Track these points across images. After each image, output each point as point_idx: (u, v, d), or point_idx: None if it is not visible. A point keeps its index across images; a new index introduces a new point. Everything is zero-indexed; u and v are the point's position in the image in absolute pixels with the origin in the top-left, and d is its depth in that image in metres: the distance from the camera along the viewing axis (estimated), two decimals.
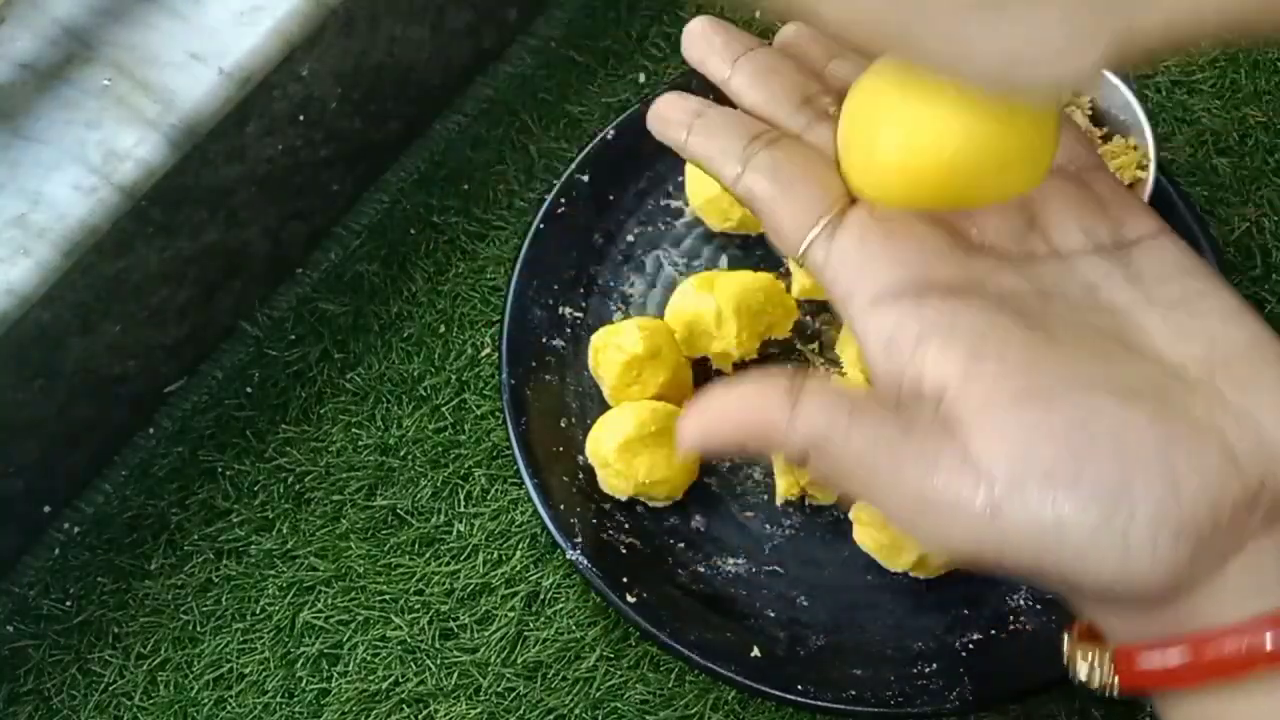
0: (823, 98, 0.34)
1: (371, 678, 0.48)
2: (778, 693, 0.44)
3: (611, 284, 0.53)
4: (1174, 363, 0.29)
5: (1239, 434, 0.27)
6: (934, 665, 0.45)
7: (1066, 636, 0.31)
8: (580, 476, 0.49)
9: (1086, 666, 0.30)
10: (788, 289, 0.52)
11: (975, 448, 0.27)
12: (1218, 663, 0.27)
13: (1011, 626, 0.46)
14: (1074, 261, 0.31)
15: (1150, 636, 0.28)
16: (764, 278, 0.51)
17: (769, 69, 0.35)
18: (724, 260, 0.53)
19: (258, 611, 0.49)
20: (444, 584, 0.49)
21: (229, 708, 0.48)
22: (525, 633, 0.48)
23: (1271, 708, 0.27)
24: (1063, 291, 0.31)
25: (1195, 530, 0.26)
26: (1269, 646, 0.26)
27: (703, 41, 0.36)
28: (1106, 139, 0.49)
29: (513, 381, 0.49)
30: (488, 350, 0.53)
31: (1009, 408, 0.28)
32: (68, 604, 0.50)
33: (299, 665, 0.48)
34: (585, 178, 0.53)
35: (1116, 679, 0.29)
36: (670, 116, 0.36)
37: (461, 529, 0.50)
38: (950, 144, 0.30)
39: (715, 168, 0.34)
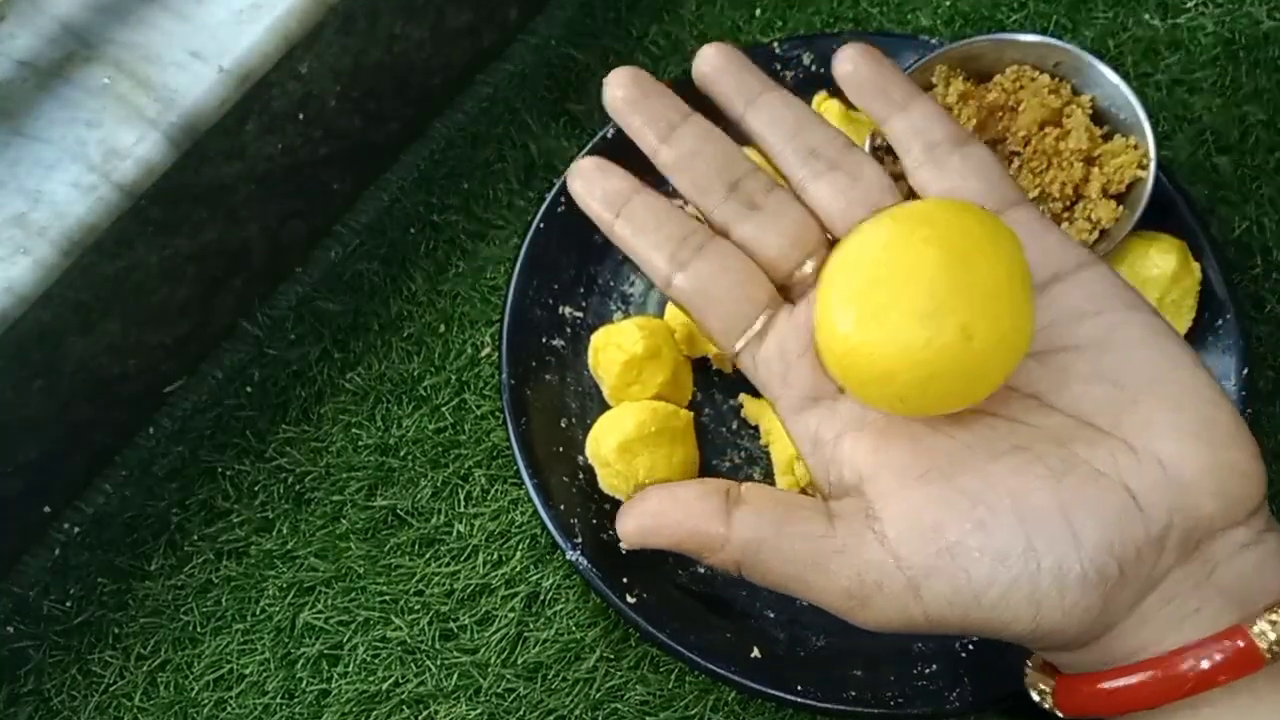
0: (749, 179, 0.34)
1: (371, 678, 0.48)
2: (778, 693, 0.44)
3: (611, 284, 0.53)
4: (1084, 415, 0.31)
5: (1140, 477, 0.29)
6: (934, 665, 0.45)
7: (1028, 665, 0.34)
8: (580, 476, 0.49)
9: (1037, 694, 0.33)
10: None
11: (890, 534, 0.30)
12: (1135, 691, 0.29)
13: None
14: None
15: (1087, 668, 0.30)
16: None
17: (694, 152, 0.35)
18: None
19: (258, 612, 0.49)
20: (444, 584, 0.49)
21: (229, 708, 0.48)
22: (525, 633, 0.48)
23: None
24: None
25: (1100, 577, 0.28)
26: (1184, 670, 0.28)
27: (627, 102, 0.35)
28: (1107, 138, 0.49)
29: (513, 381, 0.49)
30: (488, 350, 0.53)
31: (915, 487, 0.30)
32: (68, 604, 0.50)
33: (299, 666, 0.48)
34: None
35: (1056, 704, 0.32)
36: (594, 193, 0.35)
37: (461, 529, 0.50)
38: (921, 369, 0.29)
39: (644, 262, 0.35)
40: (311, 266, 0.56)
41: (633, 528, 0.33)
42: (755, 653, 0.45)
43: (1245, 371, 0.48)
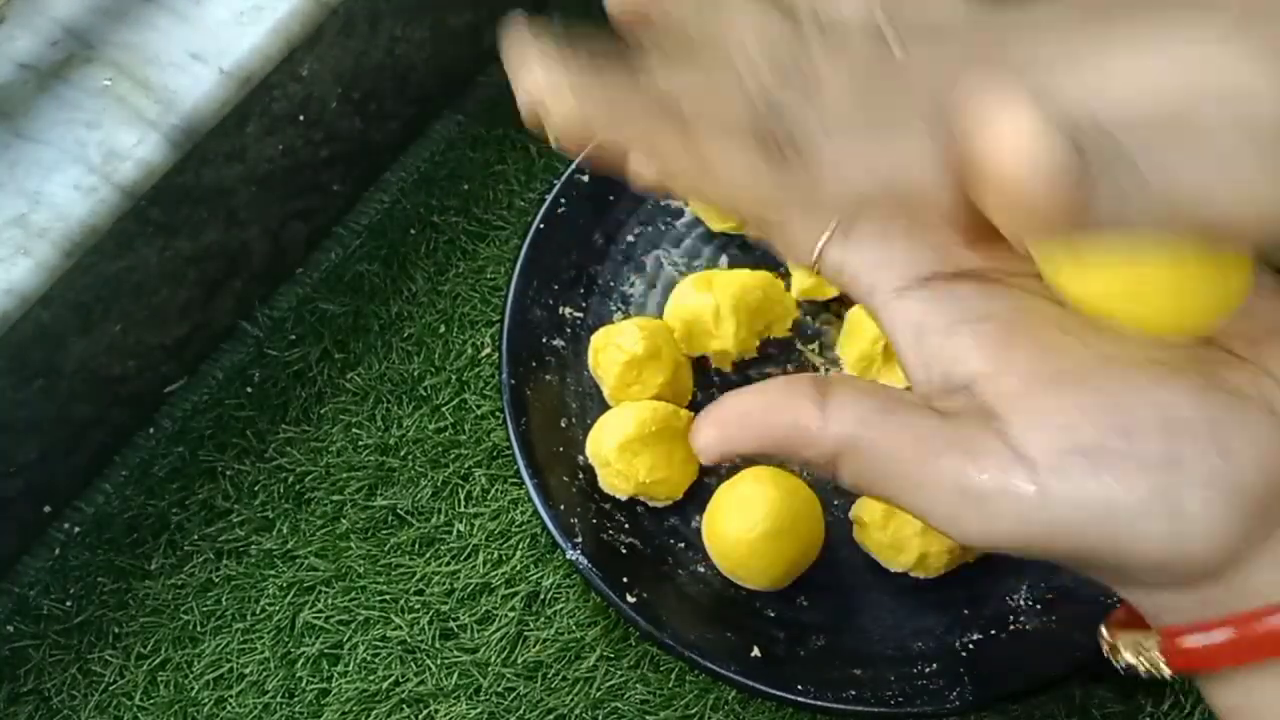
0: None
1: (371, 678, 0.48)
2: (778, 693, 0.44)
3: (611, 284, 0.53)
4: (1220, 341, 0.28)
5: None
6: (934, 665, 0.45)
7: (1104, 628, 0.30)
8: (580, 476, 0.49)
9: (1132, 653, 0.29)
10: (787, 288, 0.52)
11: (1015, 433, 0.26)
12: (1266, 638, 0.26)
13: (1011, 626, 0.46)
14: None
15: (1195, 618, 0.27)
16: (763, 276, 0.51)
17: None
18: (724, 260, 0.53)
19: (258, 611, 0.49)
20: (444, 584, 0.49)
21: (229, 708, 0.48)
22: (525, 633, 0.48)
23: None
24: None
25: (1249, 498, 0.26)
26: None
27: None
28: None
29: (513, 381, 0.49)
30: (488, 350, 0.53)
31: (1046, 391, 0.27)
32: (68, 604, 0.50)
33: (299, 665, 0.48)
34: (585, 178, 0.53)
35: (1164, 662, 0.28)
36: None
37: (461, 529, 0.50)
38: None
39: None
40: (312, 267, 0.56)
41: (711, 437, 0.29)
42: (755, 653, 0.45)
43: None
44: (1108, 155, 0.22)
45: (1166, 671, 0.28)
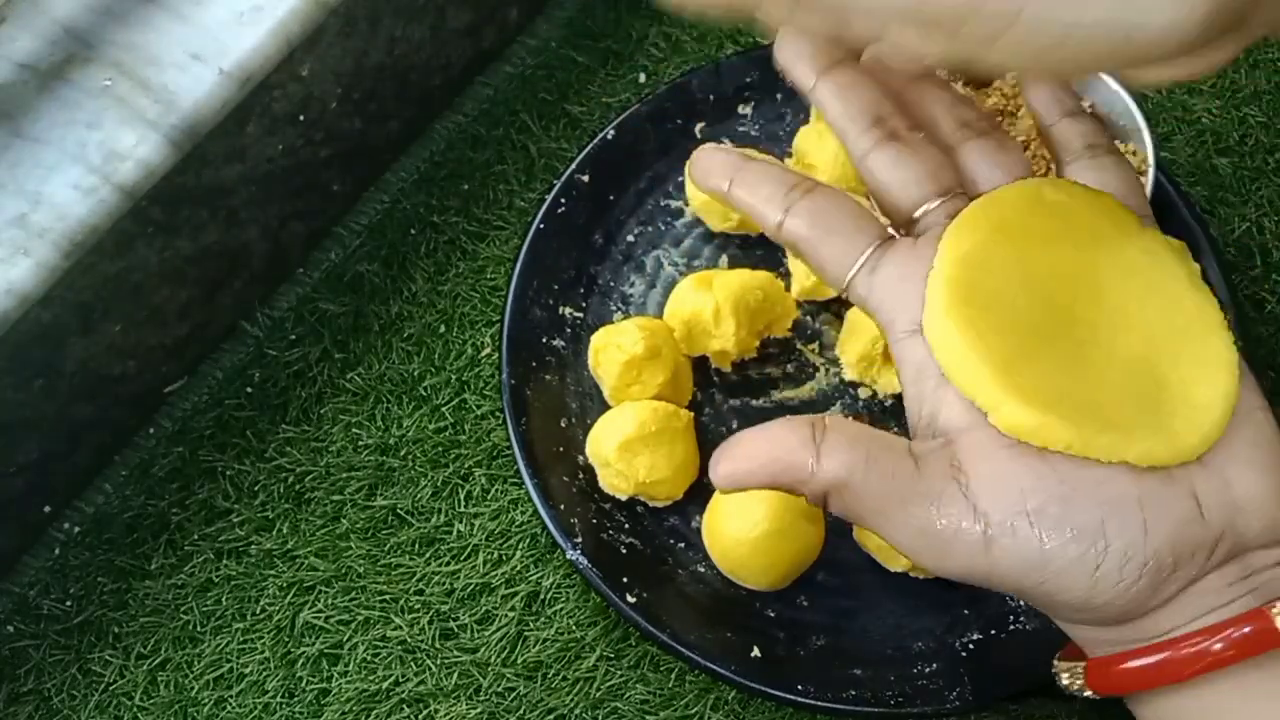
0: (893, 119, 0.37)
1: (372, 678, 0.48)
2: (778, 693, 0.44)
3: (611, 284, 0.53)
4: None
5: (1208, 491, 0.32)
6: (934, 665, 0.45)
7: (1057, 656, 0.36)
8: (580, 476, 0.49)
9: (1067, 675, 0.35)
10: (787, 288, 0.52)
11: (975, 488, 0.32)
12: (1162, 666, 0.32)
13: (1011, 626, 0.46)
14: None
15: (1115, 648, 0.33)
16: (763, 276, 0.51)
17: (849, 84, 0.37)
18: (724, 260, 0.53)
19: (258, 611, 0.49)
20: (444, 584, 0.49)
21: (229, 708, 0.48)
22: (525, 633, 0.48)
23: (1218, 702, 0.32)
24: None
25: (1157, 567, 0.31)
26: (1216, 648, 0.31)
27: (792, 49, 0.38)
28: None
29: (513, 381, 0.49)
30: (488, 350, 0.53)
31: (1009, 453, 0.32)
32: (68, 604, 0.50)
33: (299, 665, 0.48)
34: (585, 178, 0.53)
35: (1088, 684, 0.34)
36: (712, 168, 0.38)
37: (461, 529, 0.50)
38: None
39: (758, 215, 0.37)
40: (312, 267, 0.56)
41: (725, 471, 0.34)
42: (755, 653, 0.45)
43: None
44: None
45: (1089, 693, 0.35)
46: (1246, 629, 0.31)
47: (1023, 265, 0.33)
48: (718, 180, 0.38)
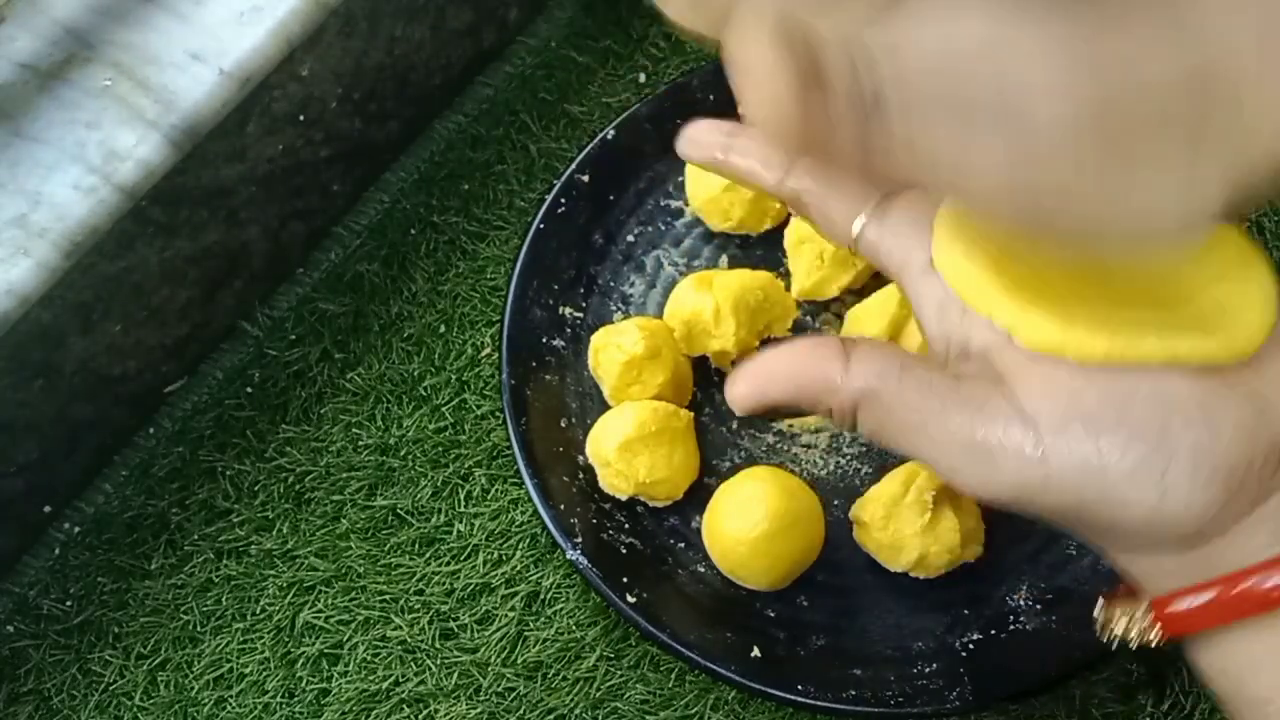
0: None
1: (371, 678, 0.48)
2: (778, 693, 0.44)
3: (611, 284, 0.53)
4: None
5: (1270, 395, 0.29)
6: (934, 665, 0.45)
7: (1099, 607, 0.32)
8: (580, 476, 0.49)
9: (1125, 621, 0.31)
10: (787, 288, 0.52)
11: (1022, 395, 0.29)
12: (1247, 598, 0.28)
13: (1011, 626, 0.46)
14: None
15: (1179, 583, 0.29)
16: (763, 276, 0.51)
17: (752, 144, 0.36)
18: (724, 260, 0.53)
19: (258, 611, 0.49)
20: (444, 584, 0.49)
21: (229, 708, 0.48)
22: (525, 633, 0.48)
23: None
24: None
25: (1228, 473, 0.28)
26: None
27: (694, 132, 0.37)
28: None
29: (513, 381, 0.49)
30: (488, 350, 0.53)
31: (1054, 364, 0.29)
32: (68, 604, 0.50)
33: (299, 665, 0.48)
34: (585, 178, 0.53)
35: (1156, 627, 0.30)
36: (704, 140, 0.37)
37: (461, 529, 0.50)
38: None
39: (758, 176, 0.35)
40: (312, 267, 0.56)
41: (744, 389, 0.32)
42: (755, 652, 0.45)
43: None
44: (871, 99, 0.25)
45: (1155, 637, 0.30)
46: None
47: None
48: (710, 152, 0.36)
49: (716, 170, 0.37)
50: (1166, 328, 0.30)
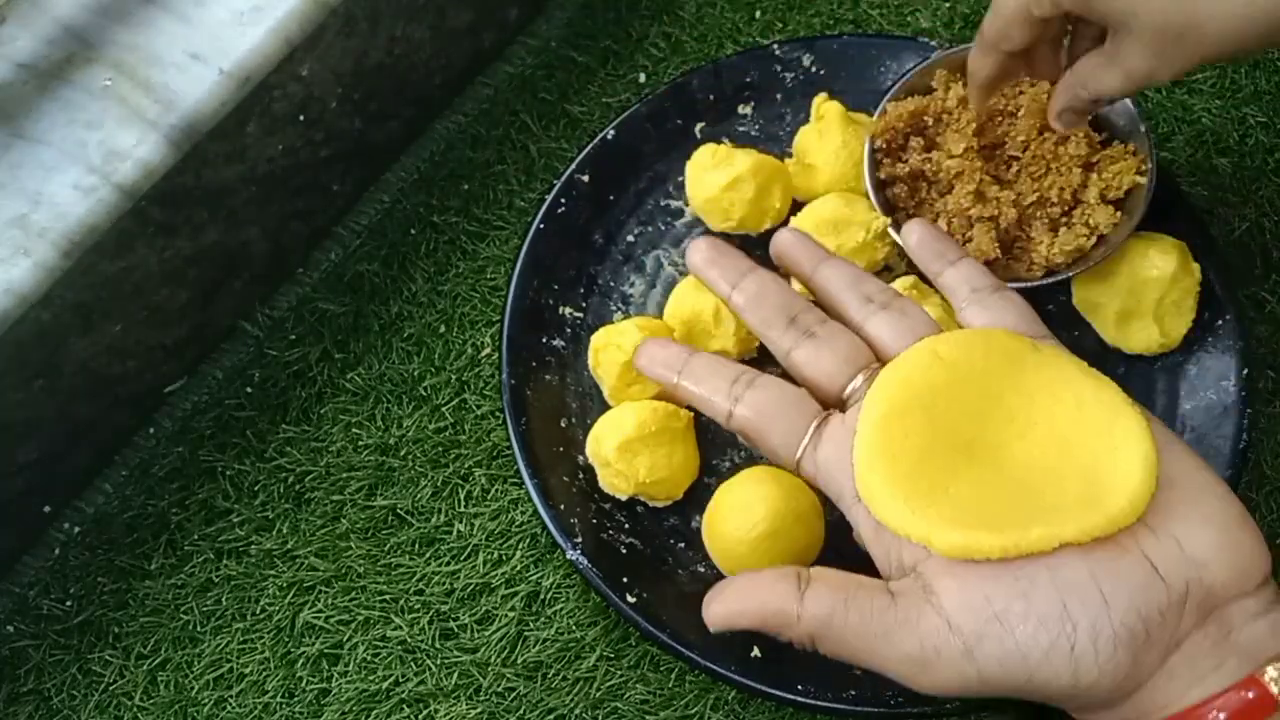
0: (806, 314, 0.42)
1: (371, 678, 0.48)
2: (778, 693, 0.44)
3: (611, 284, 0.53)
4: None
5: (1160, 552, 0.33)
6: None
7: None
8: (580, 476, 0.49)
9: None
10: None
11: (946, 605, 0.34)
12: None
13: None
14: None
15: None
16: None
17: (760, 292, 0.42)
18: None
19: (258, 611, 0.49)
20: (444, 584, 0.49)
21: (229, 707, 0.48)
22: (525, 633, 0.48)
23: None
24: None
25: (1129, 638, 0.33)
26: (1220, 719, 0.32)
27: (706, 261, 0.44)
28: (1106, 144, 0.49)
29: (513, 381, 0.49)
30: (488, 350, 0.53)
31: (969, 571, 0.34)
32: (68, 604, 0.50)
33: (299, 665, 0.48)
34: (585, 178, 0.53)
35: None
36: (660, 360, 0.43)
37: (461, 529, 0.50)
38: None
39: (708, 405, 0.41)
40: (312, 267, 0.56)
41: (719, 613, 0.37)
42: (755, 652, 0.45)
43: (1245, 372, 0.48)
44: None
45: None
46: (1249, 694, 0.32)
47: (930, 415, 0.37)
48: (666, 373, 0.42)
49: (671, 391, 0.42)
50: (1055, 512, 0.34)
